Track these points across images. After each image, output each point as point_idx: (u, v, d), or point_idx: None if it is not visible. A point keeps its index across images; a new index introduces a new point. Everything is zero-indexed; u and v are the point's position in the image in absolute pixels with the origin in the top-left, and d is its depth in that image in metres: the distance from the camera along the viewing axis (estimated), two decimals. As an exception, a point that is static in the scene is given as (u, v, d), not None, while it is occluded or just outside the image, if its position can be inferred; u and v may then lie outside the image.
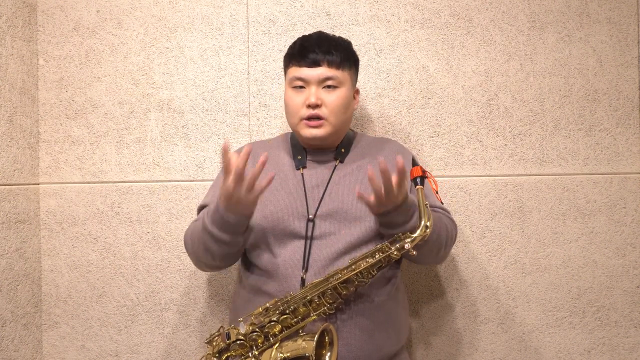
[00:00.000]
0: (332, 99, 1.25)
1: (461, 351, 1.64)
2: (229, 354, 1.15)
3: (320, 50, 1.25)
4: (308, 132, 1.26)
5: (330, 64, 1.25)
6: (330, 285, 1.12)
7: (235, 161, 1.09)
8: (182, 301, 1.64)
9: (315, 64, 1.24)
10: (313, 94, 1.24)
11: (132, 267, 1.64)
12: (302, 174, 1.29)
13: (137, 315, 1.65)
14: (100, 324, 1.65)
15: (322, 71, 1.24)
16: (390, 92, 1.64)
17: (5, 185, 1.51)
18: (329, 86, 1.25)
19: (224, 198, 1.13)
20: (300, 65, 1.26)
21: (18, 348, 1.54)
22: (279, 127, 1.63)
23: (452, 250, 1.63)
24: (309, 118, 1.24)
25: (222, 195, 1.13)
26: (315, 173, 1.30)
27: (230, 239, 1.18)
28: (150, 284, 1.64)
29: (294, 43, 1.32)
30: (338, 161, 1.31)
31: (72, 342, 1.65)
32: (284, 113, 1.62)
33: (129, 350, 1.65)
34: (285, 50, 1.63)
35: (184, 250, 1.63)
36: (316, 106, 1.24)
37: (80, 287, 1.65)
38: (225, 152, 1.09)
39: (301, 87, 1.26)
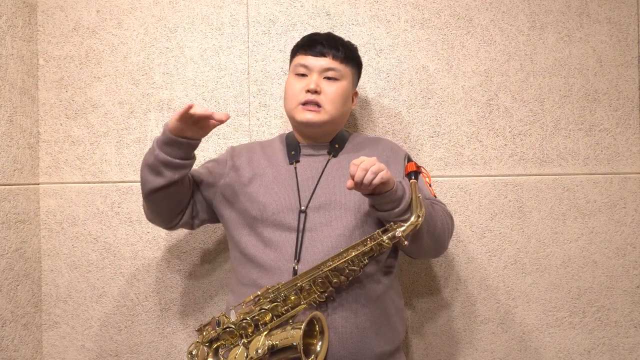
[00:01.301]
0: (331, 89, 1.29)
1: (461, 351, 1.64)
2: (219, 343, 1.16)
3: (328, 44, 1.31)
4: (303, 115, 1.29)
5: (335, 57, 1.30)
6: (321, 273, 1.13)
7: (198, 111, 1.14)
8: (182, 301, 1.64)
9: (321, 54, 1.30)
10: (314, 80, 1.28)
11: (132, 267, 1.64)
12: (295, 168, 1.32)
13: (137, 315, 1.65)
14: (100, 324, 1.65)
15: (325, 62, 1.30)
16: (390, 92, 1.64)
17: (5, 185, 1.51)
18: (329, 77, 1.30)
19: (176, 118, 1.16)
20: (306, 54, 1.31)
21: (18, 348, 1.54)
22: (279, 127, 1.63)
23: (452, 250, 1.63)
24: (306, 103, 1.28)
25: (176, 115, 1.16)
26: (308, 167, 1.32)
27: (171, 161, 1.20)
28: (150, 284, 1.64)
29: (304, 36, 1.37)
30: (331, 156, 1.34)
31: (72, 342, 1.65)
32: (283, 113, 1.63)
33: (129, 350, 1.65)
34: (286, 50, 1.64)
35: (184, 250, 1.64)
36: (315, 92, 1.28)
37: (80, 287, 1.65)
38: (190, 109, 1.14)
39: (303, 74, 1.31)
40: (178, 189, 1.26)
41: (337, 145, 1.35)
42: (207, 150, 1.63)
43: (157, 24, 1.65)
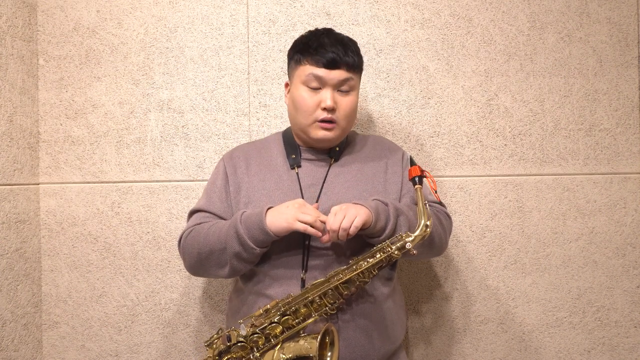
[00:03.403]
0: (346, 103, 1.24)
1: (461, 351, 1.64)
2: (229, 356, 1.15)
3: (339, 51, 1.22)
4: (321, 133, 1.24)
5: (348, 67, 1.22)
6: (331, 285, 1.11)
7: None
8: (182, 301, 1.64)
9: (334, 65, 1.21)
10: (330, 97, 1.21)
11: (132, 267, 1.64)
12: (297, 173, 1.29)
13: (137, 315, 1.65)
14: (100, 324, 1.65)
15: (339, 74, 1.22)
16: (390, 92, 1.64)
17: (5, 185, 1.51)
18: (343, 90, 1.24)
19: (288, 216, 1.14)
20: (317, 65, 1.22)
21: (18, 348, 1.54)
22: (278, 127, 1.63)
23: (452, 250, 1.63)
24: (323, 121, 1.23)
25: (287, 213, 1.15)
26: (310, 172, 1.29)
27: (257, 253, 1.18)
28: (150, 284, 1.64)
29: (307, 38, 1.27)
30: (333, 160, 1.31)
31: (72, 342, 1.65)
32: (284, 113, 1.63)
33: (129, 350, 1.65)
34: (286, 50, 1.63)
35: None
36: (332, 109, 1.22)
37: (80, 287, 1.65)
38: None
39: (316, 87, 1.23)
40: None
41: (337, 148, 1.31)
42: (207, 150, 1.63)
43: (157, 24, 1.65)
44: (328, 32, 1.27)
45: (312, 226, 1.13)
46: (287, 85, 1.33)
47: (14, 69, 1.54)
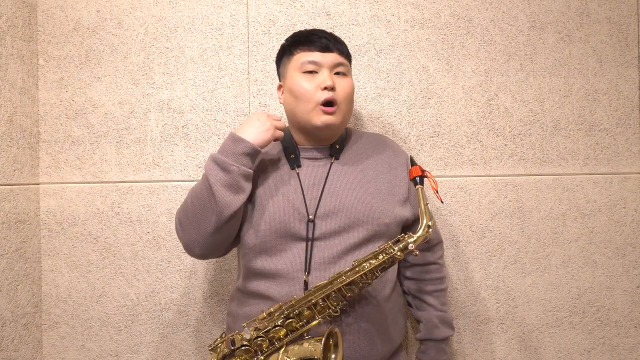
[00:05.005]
0: (344, 85, 1.24)
1: (461, 351, 1.64)
2: (232, 359, 1.15)
3: (329, 38, 1.25)
4: (324, 118, 1.21)
5: (340, 52, 1.25)
6: (334, 287, 1.10)
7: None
8: (182, 301, 1.64)
9: (327, 49, 1.23)
10: (328, 77, 1.21)
11: (132, 267, 1.64)
12: (298, 174, 1.26)
13: (137, 315, 1.65)
14: (100, 324, 1.65)
15: (334, 56, 1.24)
16: (390, 92, 1.64)
17: (5, 185, 1.51)
18: (339, 73, 1.24)
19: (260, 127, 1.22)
20: (311, 50, 1.23)
21: (18, 348, 1.54)
22: (279, 127, 1.63)
23: (452, 250, 1.63)
24: (326, 103, 1.21)
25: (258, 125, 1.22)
26: (311, 172, 1.26)
27: (245, 174, 1.18)
28: (150, 284, 1.64)
29: (295, 34, 1.30)
30: (333, 158, 1.28)
31: (72, 342, 1.65)
32: (284, 113, 1.63)
33: (129, 350, 1.65)
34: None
35: (184, 250, 1.63)
36: (332, 89, 1.21)
37: (80, 287, 1.65)
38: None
39: (312, 71, 1.23)
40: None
41: (337, 146, 1.29)
42: (207, 151, 1.63)
43: (157, 24, 1.65)
44: (313, 29, 1.31)
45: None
46: (280, 87, 1.32)
47: (14, 69, 1.54)
